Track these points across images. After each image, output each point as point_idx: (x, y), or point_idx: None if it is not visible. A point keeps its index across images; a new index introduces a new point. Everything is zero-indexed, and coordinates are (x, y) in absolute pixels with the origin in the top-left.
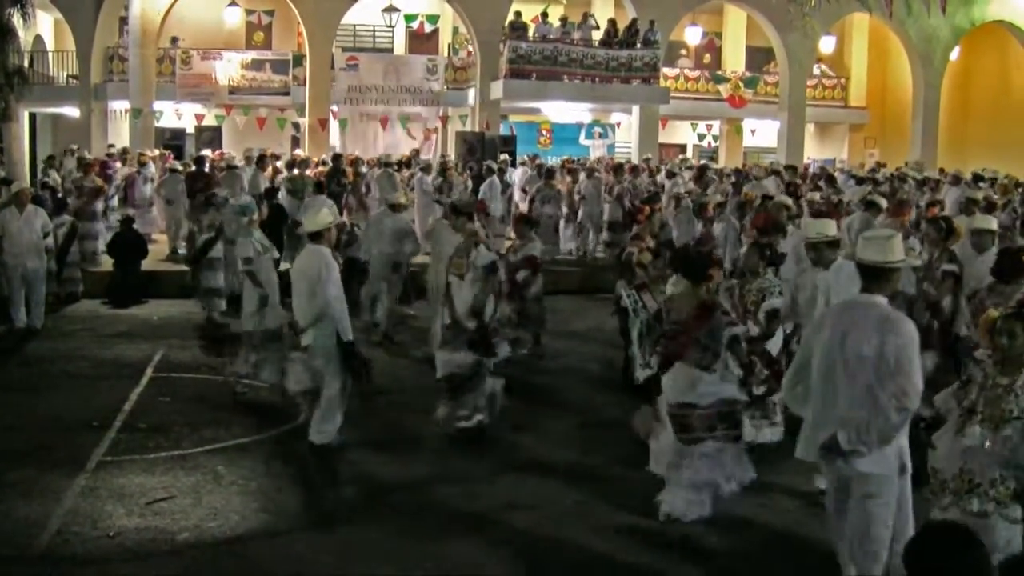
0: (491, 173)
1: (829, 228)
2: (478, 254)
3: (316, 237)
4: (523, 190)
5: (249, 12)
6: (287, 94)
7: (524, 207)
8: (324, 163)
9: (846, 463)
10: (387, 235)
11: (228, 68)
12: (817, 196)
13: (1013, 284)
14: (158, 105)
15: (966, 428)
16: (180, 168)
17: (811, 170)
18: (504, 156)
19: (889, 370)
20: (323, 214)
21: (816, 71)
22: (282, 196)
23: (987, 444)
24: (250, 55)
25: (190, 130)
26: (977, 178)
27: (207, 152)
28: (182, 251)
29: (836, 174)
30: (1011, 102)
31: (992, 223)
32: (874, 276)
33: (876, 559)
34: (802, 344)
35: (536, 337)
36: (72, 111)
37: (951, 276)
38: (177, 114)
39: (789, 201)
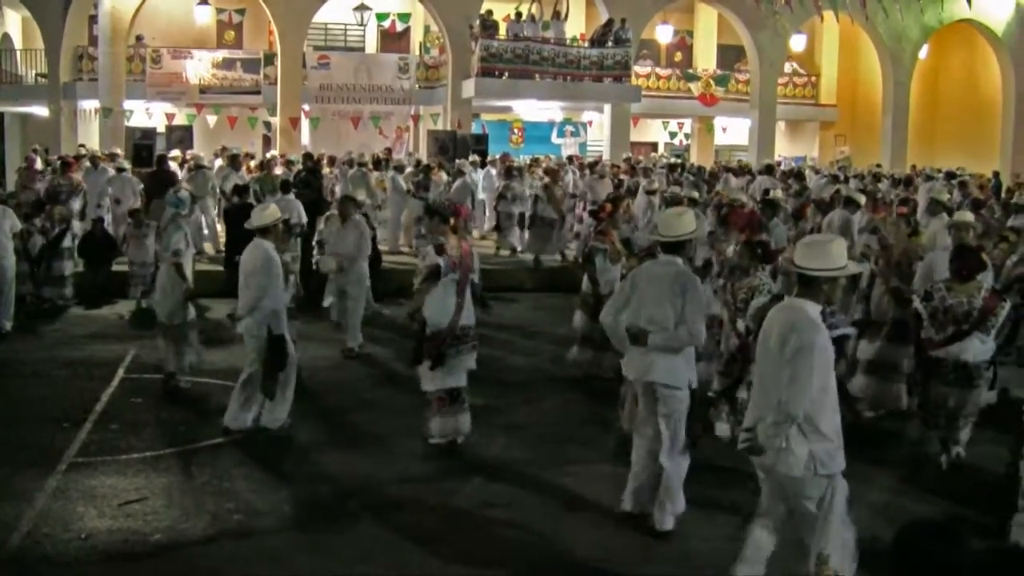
0: (461, 174)
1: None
2: (426, 256)
3: (263, 232)
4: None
5: (220, 11)
6: (258, 93)
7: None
8: (291, 162)
9: (760, 459)
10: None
11: (199, 67)
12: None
13: (972, 282)
14: (128, 104)
15: None
16: (128, 167)
17: (782, 167)
18: (475, 156)
19: (782, 374)
20: (270, 210)
21: (787, 69)
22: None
23: None
24: (221, 54)
25: (161, 129)
26: (950, 176)
27: (177, 152)
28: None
29: (808, 171)
30: (979, 100)
31: (969, 216)
32: (805, 282)
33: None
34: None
35: None
36: (41, 110)
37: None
38: (147, 113)
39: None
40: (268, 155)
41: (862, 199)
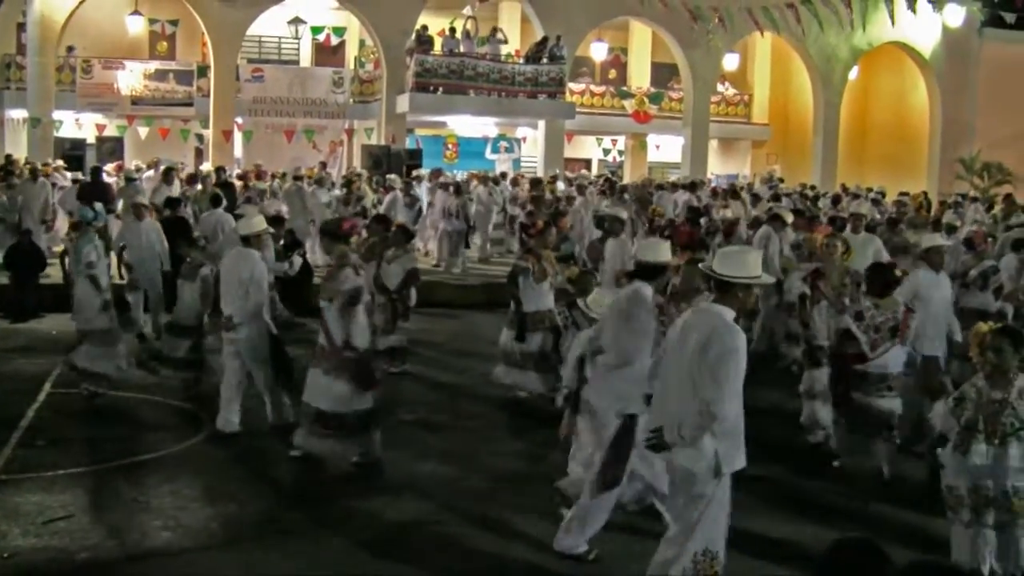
0: (392, 189)
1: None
2: (345, 279)
3: (247, 241)
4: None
5: (152, 21)
6: (191, 105)
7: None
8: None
9: (668, 454)
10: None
11: (130, 78)
12: (729, 212)
13: (888, 298)
14: (58, 114)
15: (971, 446)
16: (80, 179)
17: (714, 184)
18: (417, 172)
19: (704, 377)
20: (257, 220)
21: (720, 88)
22: (186, 209)
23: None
24: (153, 65)
25: (91, 140)
26: (879, 196)
27: (109, 166)
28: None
29: (742, 191)
30: (907, 120)
31: (939, 240)
32: (722, 289)
33: (710, 557)
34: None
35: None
36: None
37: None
38: (77, 124)
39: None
40: (202, 168)
41: (790, 217)
